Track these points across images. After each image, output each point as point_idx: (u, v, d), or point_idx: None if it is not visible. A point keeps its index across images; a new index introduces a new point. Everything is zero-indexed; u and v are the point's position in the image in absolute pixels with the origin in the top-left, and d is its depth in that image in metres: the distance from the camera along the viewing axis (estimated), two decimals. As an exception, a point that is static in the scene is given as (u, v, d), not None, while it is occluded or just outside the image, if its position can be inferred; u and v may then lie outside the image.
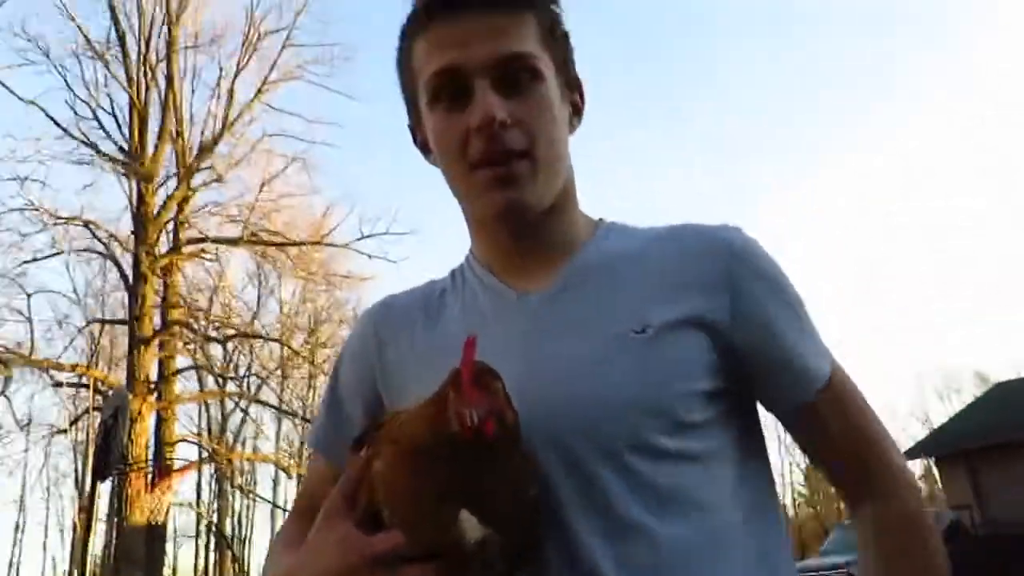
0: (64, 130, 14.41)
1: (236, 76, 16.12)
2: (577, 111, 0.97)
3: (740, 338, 0.85)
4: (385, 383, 0.96)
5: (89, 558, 6.47)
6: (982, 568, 14.19)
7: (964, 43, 52.17)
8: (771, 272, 0.89)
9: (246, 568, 31.39)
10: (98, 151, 14.55)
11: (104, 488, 12.80)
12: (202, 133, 15.88)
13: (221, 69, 16.31)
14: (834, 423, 0.88)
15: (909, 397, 45.89)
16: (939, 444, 18.88)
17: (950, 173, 52.87)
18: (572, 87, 0.96)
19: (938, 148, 53.20)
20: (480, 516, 0.67)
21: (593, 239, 0.94)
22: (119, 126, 15.18)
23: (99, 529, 14.44)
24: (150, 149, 15.09)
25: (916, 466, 37.32)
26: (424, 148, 0.97)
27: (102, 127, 15.01)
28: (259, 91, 16.21)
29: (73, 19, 14.75)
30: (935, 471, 21.74)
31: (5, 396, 13.93)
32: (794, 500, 43.72)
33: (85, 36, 14.90)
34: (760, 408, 0.92)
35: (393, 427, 0.73)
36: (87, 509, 4.52)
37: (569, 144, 0.94)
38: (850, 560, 14.13)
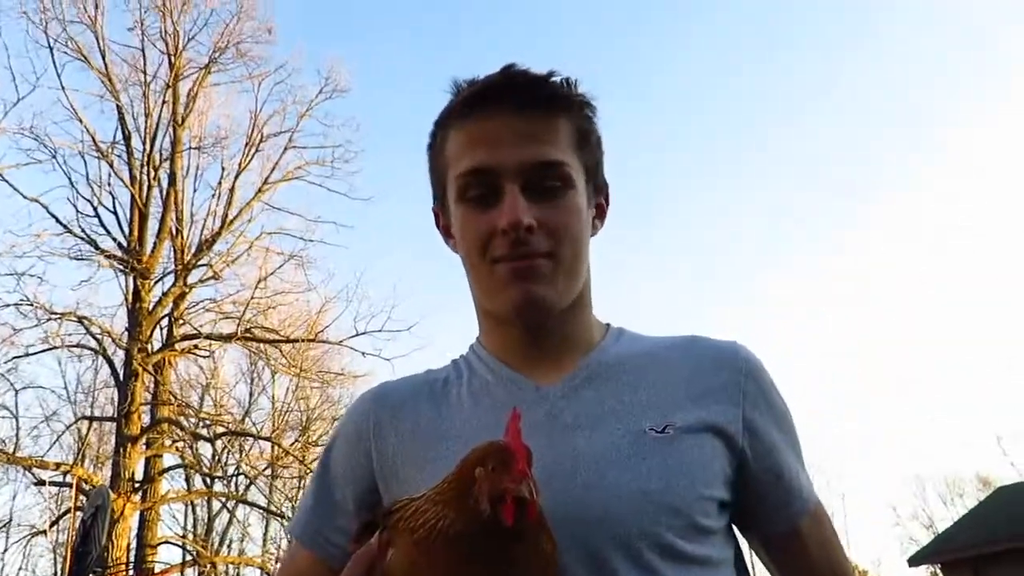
0: (65, 227, 14.62)
1: (237, 176, 16.48)
2: (601, 214, 1.00)
3: (749, 452, 0.86)
4: (382, 468, 0.92)
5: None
6: None
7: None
8: (775, 395, 0.92)
9: None
10: (97, 248, 14.72)
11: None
12: (201, 231, 16.11)
13: (223, 169, 16.69)
14: (814, 549, 0.91)
15: (911, 501, 45.15)
16: (944, 550, 18.45)
17: (953, 280, 53.48)
18: (599, 190, 0.98)
19: (939, 253, 54.03)
20: None
21: (605, 340, 0.96)
22: (119, 223, 15.42)
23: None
24: (149, 246, 15.27)
25: (922, 573, 36.36)
26: (446, 233, 0.98)
27: (102, 224, 15.24)
28: (259, 191, 16.53)
29: (81, 120, 15.17)
30: (941, 578, 21.16)
31: (-15, 494, 13.62)
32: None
33: (92, 136, 15.30)
34: None
35: (408, 514, 0.68)
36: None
37: (589, 248, 0.96)
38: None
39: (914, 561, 19.72)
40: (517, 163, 0.86)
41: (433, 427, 0.91)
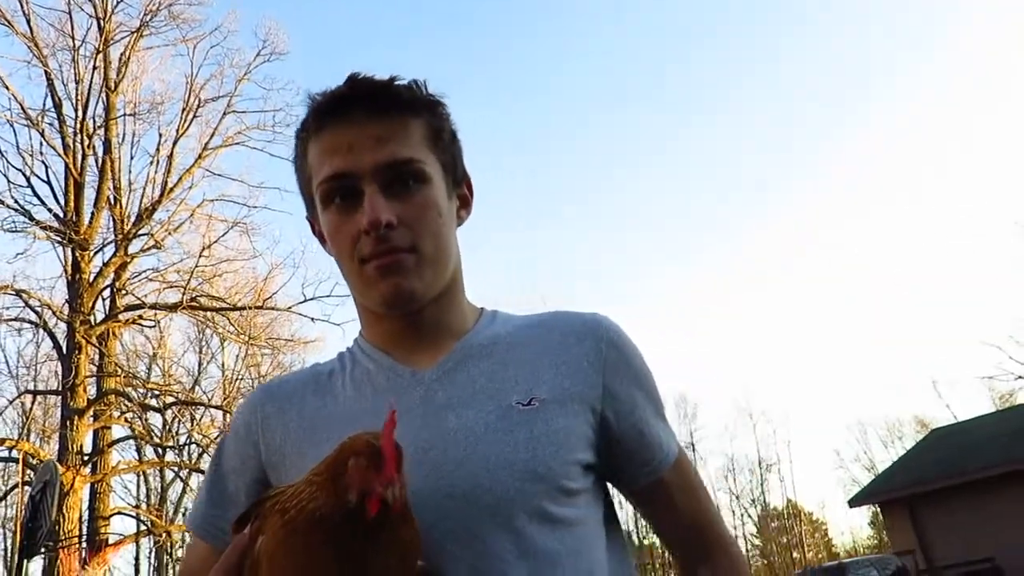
0: (-4, 198, 14.18)
1: (176, 143, 16.10)
2: (465, 204, 1.05)
3: (611, 415, 0.94)
4: (270, 459, 0.97)
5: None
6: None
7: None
8: (636, 361, 0.99)
9: (187, 647, 29.92)
10: (32, 219, 14.31)
11: (34, 567, 12.27)
12: (141, 199, 15.75)
13: (160, 136, 16.28)
14: (679, 496, 1.00)
15: (854, 445, 46.96)
16: (881, 491, 19.25)
17: (894, 228, 54.90)
18: (460, 183, 1.04)
19: (878, 203, 55.31)
20: None
21: (479, 323, 1.02)
22: (54, 193, 14.98)
23: (28, 611, 13.75)
24: (86, 216, 14.88)
25: (863, 512, 37.81)
26: (322, 239, 1.03)
27: (36, 195, 14.79)
28: (199, 157, 16.19)
29: (7, 87, 14.62)
30: (881, 517, 22.10)
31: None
32: (747, 551, 43.77)
33: (20, 104, 14.77)
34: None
35: (280, 500, 0.72)
36: (11, 591, 4.37)
37: (456, 236, 1.01)
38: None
39: (854, 502, 20.56)
40: (372, 165, 0.91)
41: (317, 416, 0.96)
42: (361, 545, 0.67)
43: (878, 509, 21.19)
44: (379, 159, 0.91)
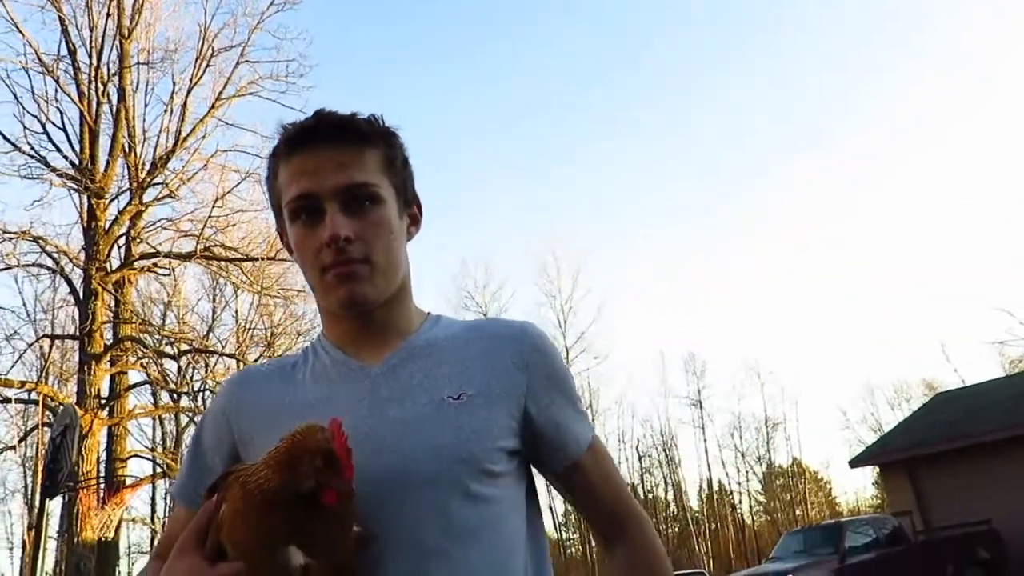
0: (13, 144, 14.30)
1: (189, 91, 16.12)
2: (415, 221, 1.21)
3: (532, 410, 1.09)
4: (241, 437, 1.13)
5: (40, 575, 6.50)
6: (920, 571, 14.70)
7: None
8: (556, 363, 1.15)
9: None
10: (48, 166, 14.45)
11: (54, 505, 12.70)
12: (155, 148, 15.85)
13: (174, 84, 16.31)
14: (595, 477, 1.16)
15: (861, 406, 47.13)
16: (882, 453, 19.44)
17: (904, 193, 54.39)
18: (410, 203, 1.19)
19: (892, 164, 54.71)
20: (303, 550, 0.85)
21: (423, 326, 1.17)
22: (69, 140, 15.08)
23: (50, 546, 14.26)
24: (102, 164, 15.02)
25: (865, 473, 38.14)
26: (289, 249, 1.18)
27: (52, 141, 14.91)
28: (213, 106, 16.23)
29: (22, 32, 14.65)
30: (880, 479, 22.37)
31: (-49, 413, 13.72)
32: (751, 507, 44.42)
33: (35, 50, 14.80)
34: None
35: (243, 474, 0.88)
36: (36, 527, 4.60)
37: (406, 249, 1.16)
38: (797, 566, 14.53)
39: (855, 463, 20.78)
40: (333, 187, 1.05)
41: (281, 402, 1.11)
42: (308, 518, 0.84)
43: (877, 471, 21.42)
44: (339, 182, 1.06)
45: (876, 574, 14.18)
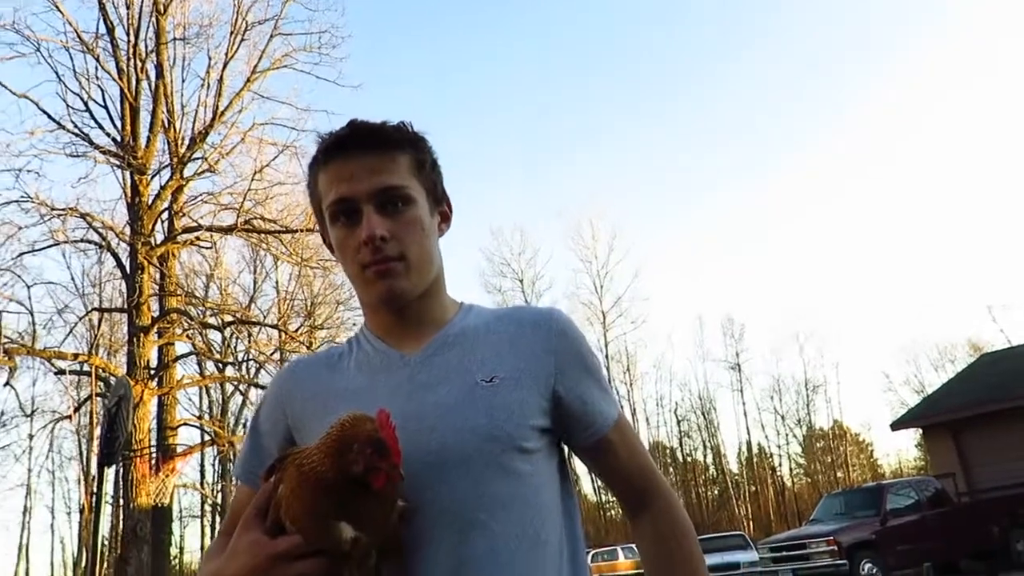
0: (57, 122, 14.59)
1: (225, 66, 16.26)
2: (446, 218, 1.29)
3: (560, 390, 1.17)
4: (294, 423, 1.23)
5: (98, 539, 6.79)
6: (963, 533, 14.62)
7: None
8: (581, 346, 1.22)
9: (251, 547, 31.78)
10: (91, 143, 14.74)
11: (110, 472, 13.17)
12: (193, 123, 16.07)
13: (210, 59, 16.46)
14: (622, 451, 1.23)
15: (904, 368, 46.44)
16: (926, 415, 19.23)
17: (948, 151, 52.98)
18: (440, 201, 1.27)
19: (935, 124, 53.27)
20: (354, 525, 0.94)
21: (456, 316, 1.25)
22: (111, 118, 15.35)
23: (106, 511, 14.80)
24: (143, 140, 15.27)
25: (908, 435, 37.74)
26: (331, 248, 1.27)
27: (94, 119, 15.19)
28: (248, 80, 16.36)
29: (61, 11, 14.86)
30: (923, 441, 22.15)
31: (11, 386, 14.23)
32: (791, 470, 44.31)
33: (75, 29, 15.02)
34: None
35: (298, 458, 0.98)
36: (96, 494, 4.82)
37: (438, 245, 1.25)
38: (837, 528, 14.55)
39: (897, 425, 20.60)
40: (368, 190, 1.14)
41: (329, 390, 1.20)
42: (356, 497, 0.93)
43: (921, 433, 21.22)
44: (373, 186, 1.15)
45: (918, 536, 14.16)
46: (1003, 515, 15.07)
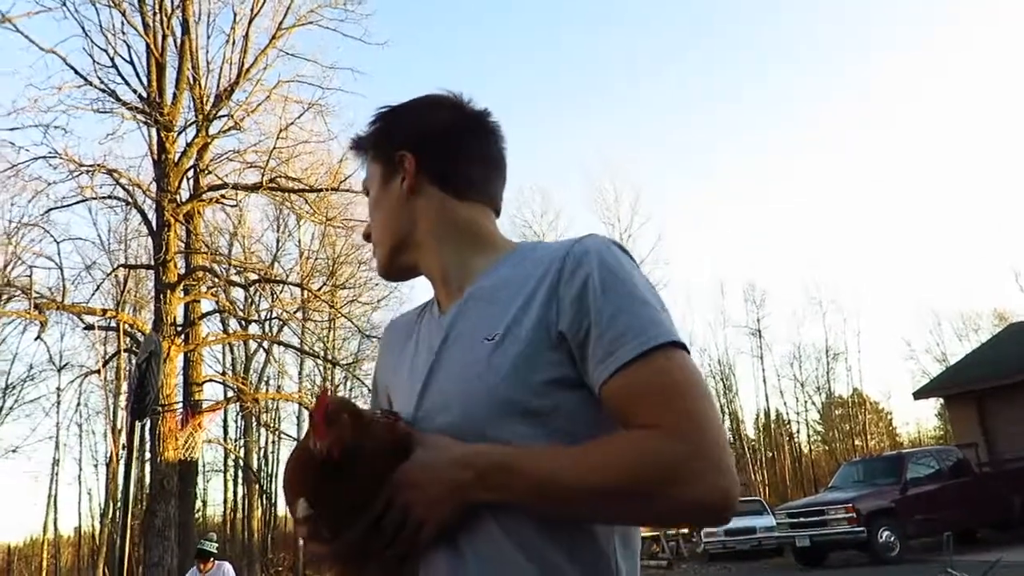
0: (84, 78, 14.60)
1: (251, 22, 16.15)
2: (406, 175, 1.18)
3: (572, 326, 1.00)
4: (388, 382, 1.24)
5: (129, 492, 6.94)
6: (983, 504, 14.61)
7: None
8: (602, 271, 1.01)
9: (273, 500, 32.52)
10: (118, 99, 14.75)
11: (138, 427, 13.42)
12: (219, 80, 16.03)
13: (235, 15, 16.35)
14: (625, 408, 0.97)
15: (926, 336, 46.04)
16: (950, 384, 19.12)
17: (974, 114, 51.84)
18: (392, 160, 1.19)
19: (958, 85, 52.06)
20: (309, 502, 0.98)
21: (490, 267, 1.14)
22: (137, 74, 15.33)
23: (136, 465, 15.08)
24: (169, 97, 15.27)
25: (928, 404, 37.61)
26: None
27: (121, 75, 15.18)
28: (274, 37, 16.25)
29: (87, -35, 14.77)
30: (946, 411, 22.05)
31: (41, 340, 14.46)
32: (809, 437, 44.32)
33: (100, -19, 14.94)
34: None
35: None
36: (128, 448, 4.91)
37: (404, 208, 1.18)
38: (856, 496, 14.57)
39: (920, 394, 20.52)
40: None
41: (397, 353, 1.24)
42: (317, 476, 0.97)
43: (943, 401, 21.12)
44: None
45: (937, 505, 14.16)
46: (1024, 486, 15.04)
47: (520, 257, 1.13)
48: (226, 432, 30.81)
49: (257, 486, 31.92)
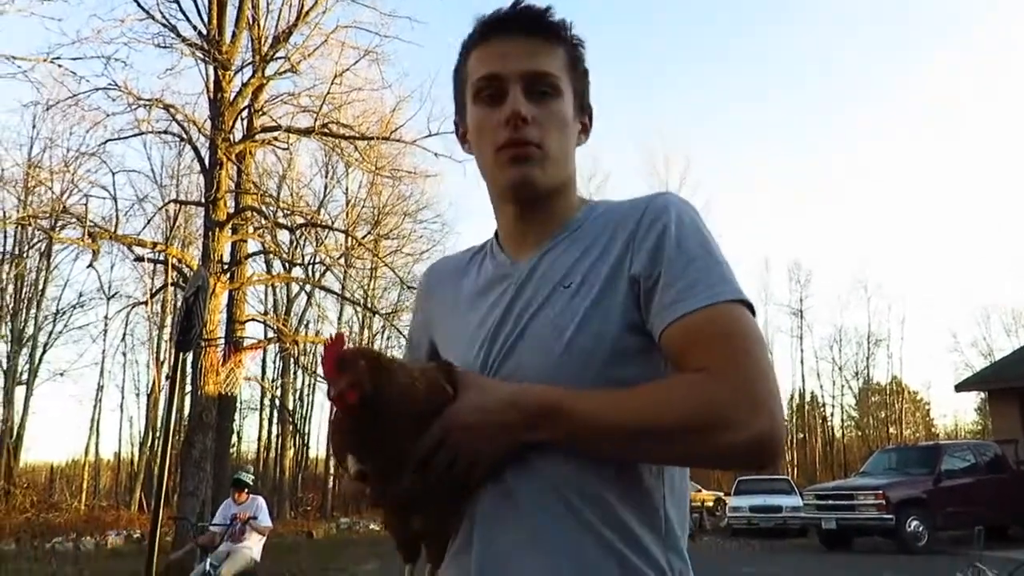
0: (147, 12, 14.67)
1: (312, -36, 16.07)
2: (585, 130, 1.22)
3: (643, 273, 1.03)
4: (427, 321, 1.27)
5: (171, 420, 7.14)
6: (1017, 500, 14.36)
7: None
8: (675, 226, 1.04)
9: (307, 440, 33.27)
10: (179, 35, 14.82)
11: (181, 358, 13.72)
12: (277, 21, 16.01)
13: (297, -44, 16.26)
14: (680, 357, 0.99)
15: (973, 329, 44.96)
16: (994, 379, 18.75)
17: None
18: (584, 111, 1.21)
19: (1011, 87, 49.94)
20: (359, 456, 0.98)
21: (574, 219, 1.16)
22: (199, 11, 15.36)
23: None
24: (228, 35, 15.30)
25: (971, 397, 36.90)
26: (463, 139, 1.23)
27: (182, 11, 15.20)
28: (335, -20, 16.16)
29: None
30: (987, 405, 21.62)
31: (93, 268, 14.82)
32: (842, 422, 43.89)
33: (164, -82, 14.94)
34: None
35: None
36: (171, 379, 5.03)
37: (574, 151, 1.18)
38: (887, 483, 14.44)
39: (962, 387, 20.14)
40: (519, 71, 1.10)
41: (450, 296, 1.22)
42: (355, 427, 0.97)
43: (986, 395, 20.71)
44: (526, 68, 1.10)
45: (970, 499, 13.98)
46: (1062, 487, 14.74)
47: (595, 211, 1.17)
48: (264, 371, 31.50)
49: (291, 426, 32.65)
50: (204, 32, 14.97)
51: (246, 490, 8.24)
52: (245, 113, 15.42)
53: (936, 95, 52.34)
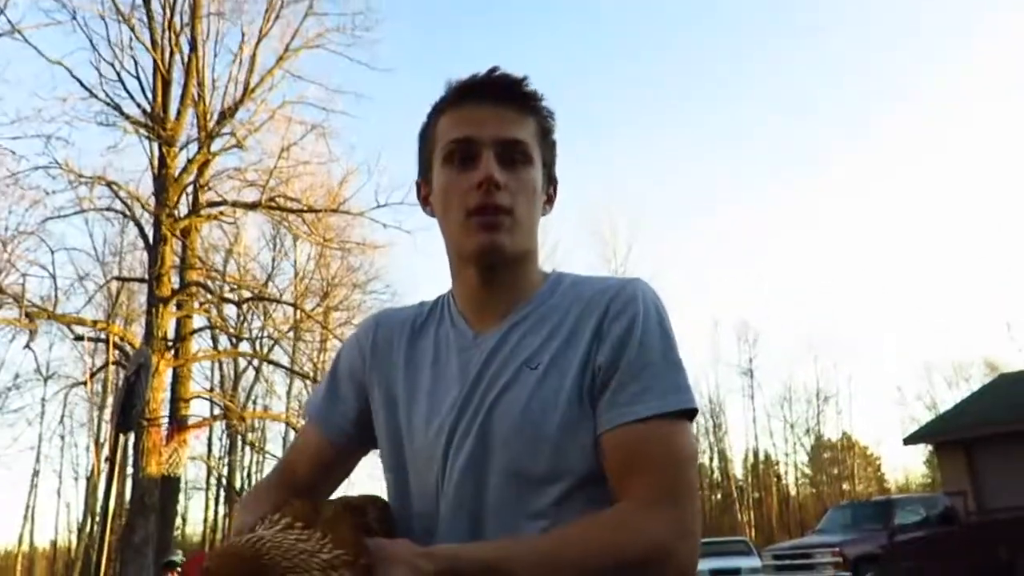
0: (89, 91, 14.66)
1: (258, 43, 16.29)
2: (550, 200, 1.23)
3: (604, 362, 1.05)
4: (368, 377, 1.21)
5: (109, 506, 6.86)
6: (972, 553, 14.51)
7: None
8: (640, 324, 1.07)
9: (254, 523, 32.01)
10: (122, 113, 14.81)
11: (122, 440, 13.27)
12: (223, 98, 16.11)
13: (243, 35, 16.47)
14: (611, 462, 1.03)
15: (917, 384, 46.15)
16: (939, 431, 19.09)
17: (967, 168, 52.38)
18: (551, 182, 1.22)
19: (953, 142, 52.67)
20: None
21: (540, 290, 1.16)
22: (143, 88, 15.42)
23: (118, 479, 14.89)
24: (172, 112, 15.33)
25: (919, 451, 37.51)
26: (424, 201, 1.22)
27: (126, 89, 15.25)
28: (280, 58, 16.38)
29: (99, -20, 14.89)
30: (935, 458, 21.99)
31: (30, 348, 14.36)
32: (796, 480, 44.12)
33: (111, -2, 15.06)
34: None
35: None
36: (111, 460, 4.86)
37: (539, 222, 1.18)
38: (843, 540, 14.46)
39: (910, 440, 20.45)
40: (493, 137, 1.10)
41: (401, 358, 1.19)
42: None
43: (933, 449, 21.08)
44: (500, 134, 1.10)
45: (925, 553, 14.06)
46: (1013, 537, 14.95)
47: (561, 284, 1.17)
48: (210, 449, 30.50)
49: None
50: (148, 110, 14.98)
51: (177, 570, 8.15)
52: (190, 189, 15.36)
53: (879, 153, 54.67)
